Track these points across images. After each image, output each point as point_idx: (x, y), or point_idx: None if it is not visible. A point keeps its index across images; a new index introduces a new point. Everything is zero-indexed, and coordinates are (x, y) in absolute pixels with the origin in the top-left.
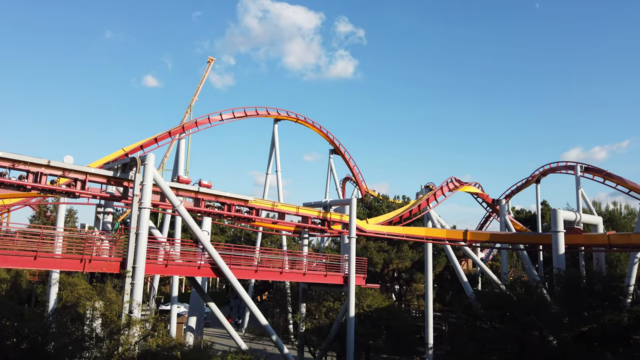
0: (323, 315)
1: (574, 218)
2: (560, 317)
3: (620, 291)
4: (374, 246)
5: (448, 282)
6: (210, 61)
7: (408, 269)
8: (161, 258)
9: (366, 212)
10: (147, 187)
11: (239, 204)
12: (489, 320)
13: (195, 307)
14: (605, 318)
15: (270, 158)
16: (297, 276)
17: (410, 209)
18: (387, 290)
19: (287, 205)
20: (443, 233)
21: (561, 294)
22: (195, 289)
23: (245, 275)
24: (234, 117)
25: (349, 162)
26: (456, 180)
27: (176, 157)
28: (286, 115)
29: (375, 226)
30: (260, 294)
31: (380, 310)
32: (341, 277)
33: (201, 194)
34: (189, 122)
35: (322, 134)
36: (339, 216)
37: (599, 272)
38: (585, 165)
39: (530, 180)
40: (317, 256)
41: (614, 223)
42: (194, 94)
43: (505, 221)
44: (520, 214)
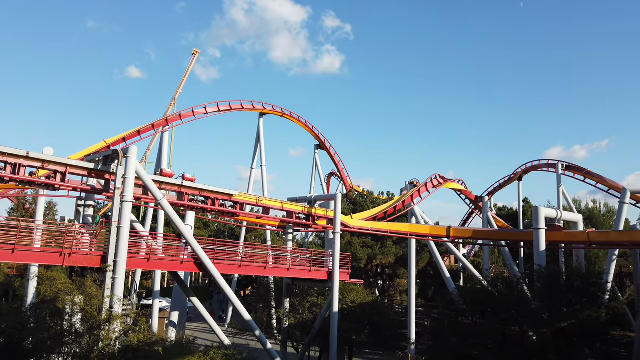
0: (307, 311)
1: (554, 215)
2: (540, 313)
3: (598, 288)
4: (358, 242)
5: (431, 278)
6: (195, 53)
7: (392, 265)
8: (143, 252)
9: (351, 208)
10: (129, 180)
11: (223, 198)
12: (470, 315)
13: (177, 302)
14: (584, 314)
15: (255, 152)
16: (281, 271)
17: (395, 205)
18: (371, 285)
19: (271, 200)
20: (426, 229)
21: (541, 290)
22: (178, 283)
23: (228, 270)
24: (219, 110)
25: (334, 158)
26: (440, 177)
27: (159, 150)
28: (271, 110)
29: (359, 222)
30: (244, 289)
31: (364, 305)
32: (325, 272)
33: (185, 187)
34: (173, 114)
35: (308, 129)
36: (324, 211)
37: (578, 268)
38: (566, 164)
39: (512, 177)
40: (301, 251)
41: (593, 221)
42: (178, 86)
43: (488, 218)
44: (502, 210)
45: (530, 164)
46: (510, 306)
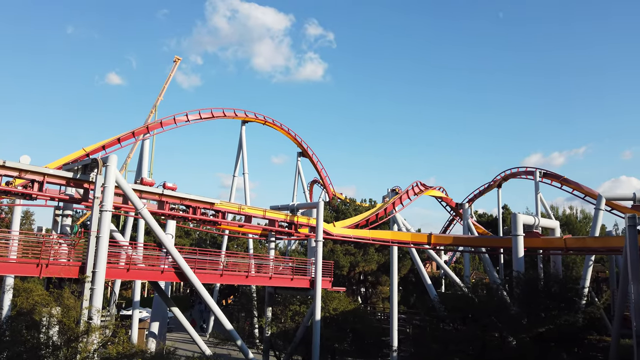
0: (289, 319)
1: (532, 222)
2: (519, 319)
3: (575, 293)
4: (340, 249)
5: (413, 285)
6: (177, 60)
7: (374, 272)
8: (123, 262)
9: (333, 215)
10: (108, 189)
11: (205, 206)
12: (451, 322)
13: (157, 312)
14: (561, 319)
15: (237, 160)
16: (264, 280)
17: (377, 212)
18: (353, 293)
19: (253, 208)
20: (408, 236)
21: (520, 296)
22: (158, 293)
23: (210, 280)
24: (201, 118)
25: (316, 165)
26: (421, 184)
27: (140, 159)
28: (254, 117)
29: (342, 229)
30: (226, 298)
31: (346, 313)
32: (308, 280)
33: (165, 196)
34: (154, 122)
35: (290, 137)
36: (306, 219)
37: (555, 274)
38: (544, 171)
39: (492, 184)
40: (283, 260)
41: (570, 227)
42: (159, 93)
43: (468, 225)
44: (482, 217)
45: (509, 172)
46: (490, 312)
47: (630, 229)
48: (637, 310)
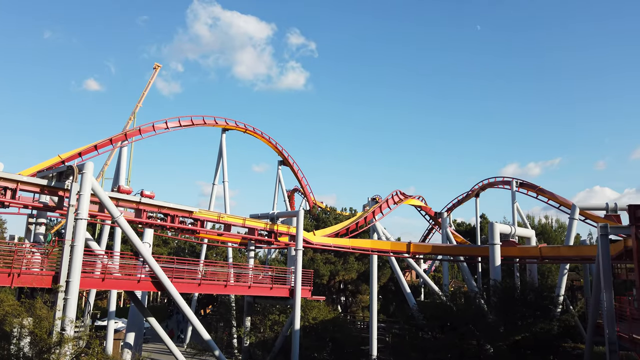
0: (268, 329)
1: (509, 231)
2: (496, 327)
3: (551, 301)
4: (320, 258)
5: (392, 293)
6: (157, 67)
7: (354, 281)
8: (98, 271)
9: (313, 224)
10: (84, 197)
11: (183, 215)
12: (430, 330)
13: (133, 323)
14: (537, 327)
15: (217, 168)
16: (242, 289)
17: (357, 221)
18: (333, 302)
19: (233, 217)
20: (388, 245)
21: (497, 304)
22: (135, 303)
23: (188, 289)
24: (180, 125)
25: (297, 174)
26: (401, 193)
27: (117, 166)
28: (234, 125)
29: (322, 238)
30: (204, 307)
31: (326, 322)
32: (287, 289)
33: (143, 204)
34: (132, 129)
35: (271, 145)
36: (286, 228)
37: (531, 282)
38: (520, 181)
39: (470, 194)
40: (263, 268)
41: (545, 236)
42: (139, 100)
43: (447, 233)
44: (461, 226)
45: (486, 181)
46: (467, 320)
47: (603, 238)
48: (609, 318)
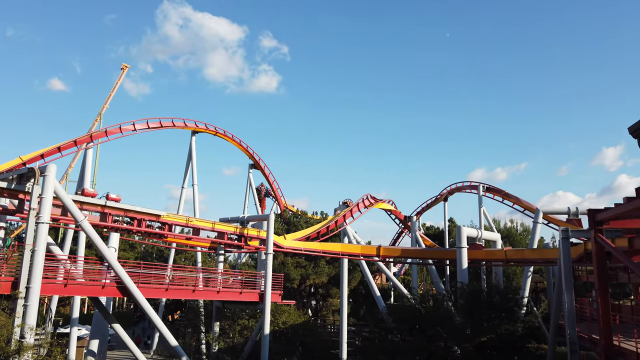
0: (237, 334)
1: (476, 235)
2: (463, 329)
3: (515, 303)
4: (291, 262)
5: (362, 297)
6: (124, 68)
7: (324, 285)
8: (60, 277)
9: (284, 228)
10: (46, 200)
11: (150, 219)
12: (399, 333)
13: (97, 329)
14: (502, 328)
15: (187, 171)
16: (211, 294)
17: (328, 224)
18: (304, 306)
19: (202, 221)
20: (358, 249)
21: (464, 307)
22: (99, 309)
23: (155, 294)
24: (149, 127)
25: (268, 177)
26: (371, 197)
27: (82, 168)
28: (204, 128)
29: (292, 242)
30: (172, 313)
31: (296, 326)
32: (257, 294)
33: (108, 208)
34: (98, 131)
35: (242, 148)
36: (257, 232)
37: (497, 285)
38: (487, 186)
39: (439, 198)
40: (233, 273)
41: (511, 239)
42: (105, 101)
43: (416, 237)
44: (430, 230)
45: (455, 186)
46: (435, 323)
47: (564, 241)
48: (570, 319)
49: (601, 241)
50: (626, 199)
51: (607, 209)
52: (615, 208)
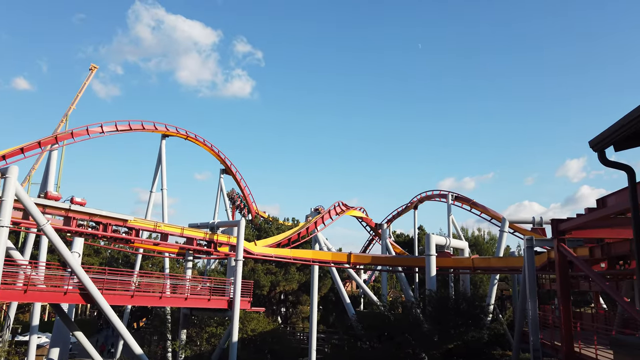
0: (205, 342)
1: (444, 243)
2: (431, 336)
3: (482, 310)
4: (261, 268)
5: (332, 304)
6: (93, 68)
7: (295, 291)
8: (20, 283)
9: (255, 234)
10: (6, 203)
11: (117, 223)
12: (368, 340)
13: (58, 337)
14: (468, 335)
15: (156, 175)
16: (179, 301)
17: (299, 231)
18: (273, 313)
19: (171, 226)
20: (329, 256)
21: (432, 314)
22: (60, 316)
23: (120, 301)
24: (117, 130)
25: (239, 183)
26: (343, 204)
27: (46, 171)
28: (175, 132)
29: (263, 248)
30: (138, 320)
31: (265, 334)
32: (226, 301)
33: (73, 212)
34: (64, 132)
35: (213, 153)
36: (227, 238)
37: (464, 292)
38: (456, 194)
39: (409, 206)
40: (201, 279)
41: (478, 247)
42: (72, 102)
43: (387, 244)
44: (400, 237)
45: (425, 194)
46: (404, 330)
47: (528, 250)
48: (533, 326)
49: (563, 250)
50: (587, 210)
51: (569, 219)
52: (577, 218)
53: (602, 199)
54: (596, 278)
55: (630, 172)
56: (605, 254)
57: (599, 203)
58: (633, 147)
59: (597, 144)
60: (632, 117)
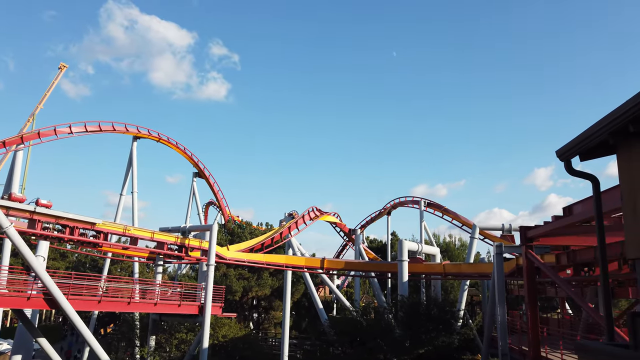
0: (174, 348)
1: (416, 248)
2: (402, 341)
3: (452, 315)
4: (234, 274)
5: (305, 309)
6: (62, 67)
7: (267, 297)
8: None
9: (228, 239)
10: None
11: (84, 226)
12: (340, 345)
13: (20, 344)
14: (439, 340)
15: (126, 177)
16: (148, 307)
17: (272, 236)
18: (245, 318)
19: (141, 230)
20: (302, 261)
21: (404, 319)
22: (23, 322)
23: (86, 307)
24: (87, 131)
25: (213, 187)
26: (317, 209)
27: (10, 171)
28: (147, 134)
29: (236, 253)
30: (105, 326)
31: (236, 340)
32: (197, 306)
33: (38, 214)
34: (30, 132)
35: (186, 156)
36: (198, 242)
37: (435, 298)
38: (428, 201)
39: (382, 212)
40: (172, 284)
41: (449, 253)
42: (40, 101)
43: (360, 250)
44: (373, 243)
45: (398, 200)
46: (376, 335)
47: (498, 256)
48: (502, 331)
49: (531, 257)
50: (554, 218)
51: (537, 226)
52: (545, 226)
53: (569, 207)
54: (562, 284)
55: (595, 182)
56: (571, 261)
57: (566, 211)
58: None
59: (564, 153)
60: (597, 129)
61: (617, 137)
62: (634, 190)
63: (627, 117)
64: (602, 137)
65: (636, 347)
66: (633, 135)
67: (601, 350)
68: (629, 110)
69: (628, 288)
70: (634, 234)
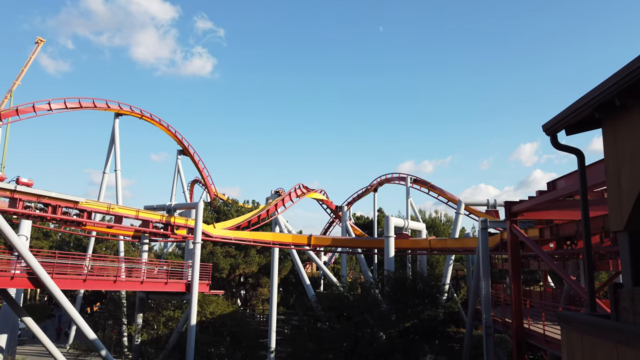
0: (162, 326)
1: (403, 224)
2: (388, 315)
3: (437, 290)
4: (220, 251)
5: (293, 286)
6: (39, 42)
7: (255, 274)
8: None
9: (214, 217)
10: None
11: (67, 205)
12: (327, 320)
13: (5, 324)
14: (425, 314)
15: (109, 155)
16: (134, 285)
17: (259, 213)
18: (233, 295)
19: (125, 208)
20: (289, 238)
21: (390, 294)
22: (7, 302)
23: (71, 286)
24: (66, 107)
25: (198, 164)
26: (304, 186)
27: None
28: (129, 111)
29: (222, 231)
30: (92, 305)
31: (224, 316)
32: (184, 284)
33: (19, 193)
34: (8, 109)
35: (170, 133)
36: (184, 220)
37: (421, 273)
38: (414, 177)
39: (369, 189)
40: (158, 263)
41: (435, 229)
42: (17, 77)
43: (347, 227)
44: (360, 220)
45: (384, 177)
46: (362, 310)
47: (482, 231)
48: (486, 304)
49: (515, 231)
50: (538, 192)
51: (521, 201)
52: (529, 201)
53: (553, 182)
54: (545, 257)
55: (580, 156)
56: (554, 235)
57: (550, 186)
58: (584, 131)
59: (550, 127)
60: (583, 103)
61: (603, 110)
62: (619, 164)
63: (613, 91)
64: (588, 111)
65: (617, 317)
66: (619, 109)
67: (583, 321)
68: (615, 83)
69: (609, 261)
70: (617, 207)
